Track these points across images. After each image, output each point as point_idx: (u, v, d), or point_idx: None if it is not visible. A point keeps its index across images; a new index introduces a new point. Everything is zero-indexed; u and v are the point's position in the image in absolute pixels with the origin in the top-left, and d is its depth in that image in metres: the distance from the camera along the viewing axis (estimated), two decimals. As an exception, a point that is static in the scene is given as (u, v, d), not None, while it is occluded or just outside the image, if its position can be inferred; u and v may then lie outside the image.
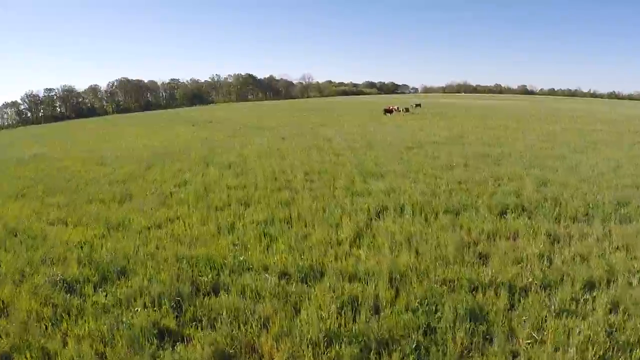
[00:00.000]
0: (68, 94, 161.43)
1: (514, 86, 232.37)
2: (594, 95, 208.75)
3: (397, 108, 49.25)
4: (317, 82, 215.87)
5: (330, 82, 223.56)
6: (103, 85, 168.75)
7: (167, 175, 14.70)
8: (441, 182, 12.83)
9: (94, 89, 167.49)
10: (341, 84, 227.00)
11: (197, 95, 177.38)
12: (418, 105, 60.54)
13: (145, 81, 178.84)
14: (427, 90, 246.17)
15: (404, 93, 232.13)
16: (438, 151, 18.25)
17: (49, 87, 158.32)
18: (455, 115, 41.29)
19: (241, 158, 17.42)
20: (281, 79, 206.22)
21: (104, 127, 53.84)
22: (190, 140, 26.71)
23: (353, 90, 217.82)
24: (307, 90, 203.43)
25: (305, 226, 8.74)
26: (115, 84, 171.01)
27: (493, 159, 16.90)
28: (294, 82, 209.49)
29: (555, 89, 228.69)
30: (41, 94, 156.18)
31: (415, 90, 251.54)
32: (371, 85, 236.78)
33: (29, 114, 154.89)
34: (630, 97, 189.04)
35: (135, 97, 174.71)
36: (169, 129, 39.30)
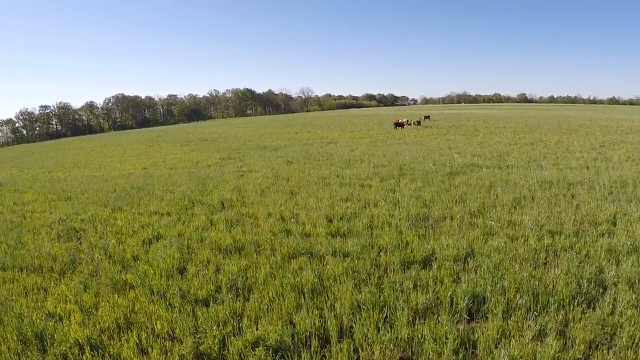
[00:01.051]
0: (64, 111, 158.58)
1: (514, 94, 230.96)
2: (593, 101, 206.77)
3: (407, 121, 45.68)
4: (317, 95, 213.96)
5: (329, 95, 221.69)
6: (100, 102, 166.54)
7: (137, 223, 10.73)
8: (525, 230, 8.92)
9: (90, 106, 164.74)
10: (340, 96, 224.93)
11: (195, 110, 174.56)
12: (427, 117, 57.30)
13: (143, 97, 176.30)
14: (426, 101, 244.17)
15: (404, 105, 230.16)
16: (488, 178, 14.35)
17: (44, 105, 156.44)
18: (477, 129, 37.47)
19: (238, 193, 13.46)
20: (280, 92, 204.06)
21: (93, 146, 50.04)
22: (178, 164, 22.84)
23: (353, 102, 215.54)
24: (307, 103, 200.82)
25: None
26: (111, 100, 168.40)
27: (562, 189, 13.02)
28: (293, 95, 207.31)
29: (555, 96, 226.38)
30: (36, 112, 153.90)
31: (415, 101, 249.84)
32: (370, 97, 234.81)
33: (24, 132, 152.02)
34: (630, 103, 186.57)
35: (132, 113, 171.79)
36: (159, 148, 35.48)
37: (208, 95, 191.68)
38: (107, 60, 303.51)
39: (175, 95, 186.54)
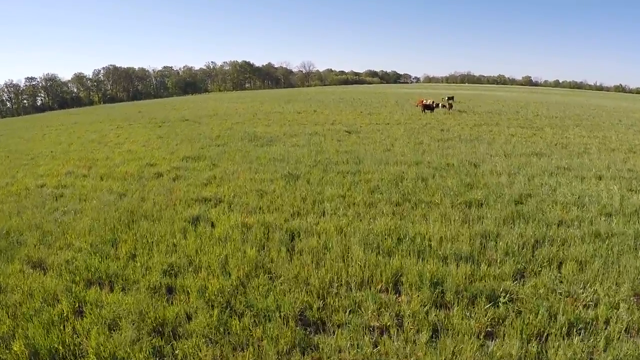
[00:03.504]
0: (51, 82, 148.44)
1: (518, 77, 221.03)
2: (600, 88, 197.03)
3: (433, 102, 37.03)
4: (318, 70, 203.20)
5: (331, 70, 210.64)
6: (90, 74, 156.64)
7: None
8: None
9: (79, 77, 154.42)
10: (342, 72, 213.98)
11: (191, 83, 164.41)
12: (451, 98, 48.65)
13: (136, 69, 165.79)
14: (429, 80, 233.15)
15: (406, 82, 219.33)
16: None
17: (30, 76, 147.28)
18: (528, 118, 29.08)
19: (159, 320, 5.34)
20: (280, 66, 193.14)
21: (60, 123, 41.07)
22: (118, 168, 14.46)
23: (355, 79, 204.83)
24: (308, 78, 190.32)
25: None
26: (101, 71, 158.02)
27: None
28: (294, 69, 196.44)
29: (560, 81, 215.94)
30: (22, 84, 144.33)
31: (417, 79, 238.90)
32: (373, 74, 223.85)
33: (9, 105, 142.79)
34: (638, 92, 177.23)
35: (123, 85, 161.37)
36: (122, 131, 27.10)
37: (205, 68, 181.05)
38: (100, 30, 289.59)
39: (171, 67, 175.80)
